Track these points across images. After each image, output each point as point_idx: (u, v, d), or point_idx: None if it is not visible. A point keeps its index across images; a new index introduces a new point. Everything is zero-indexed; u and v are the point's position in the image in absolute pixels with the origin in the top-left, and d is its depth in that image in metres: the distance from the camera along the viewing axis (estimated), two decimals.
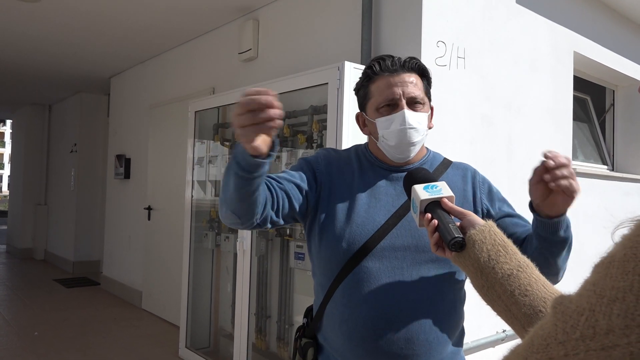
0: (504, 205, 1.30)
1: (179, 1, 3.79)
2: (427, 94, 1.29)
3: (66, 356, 3.92)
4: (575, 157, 3.93)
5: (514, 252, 0.88)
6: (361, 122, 1.35)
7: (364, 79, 1.30)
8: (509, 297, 0.83)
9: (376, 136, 1.28)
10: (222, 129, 3.94)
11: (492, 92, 2.99)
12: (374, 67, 1.27)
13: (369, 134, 1.32)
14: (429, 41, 2.64)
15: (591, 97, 4.45)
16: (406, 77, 1.24)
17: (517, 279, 0.84)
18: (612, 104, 4.63)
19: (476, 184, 1.31)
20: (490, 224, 0.93)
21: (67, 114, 7.86)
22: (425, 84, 1.29)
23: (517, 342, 0.56)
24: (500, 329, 2.95)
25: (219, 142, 3.94)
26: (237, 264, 3.28)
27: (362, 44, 2.83)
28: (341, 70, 2.47)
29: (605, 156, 4.50)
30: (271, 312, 3.41)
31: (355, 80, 1.39)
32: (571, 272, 1.22)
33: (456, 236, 0.92)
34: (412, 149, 1.25)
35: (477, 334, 2.80)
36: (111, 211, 6.31)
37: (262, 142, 0.96)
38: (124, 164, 5.86)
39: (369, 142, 1.36)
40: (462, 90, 2.81)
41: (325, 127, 2.77)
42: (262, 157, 0.99)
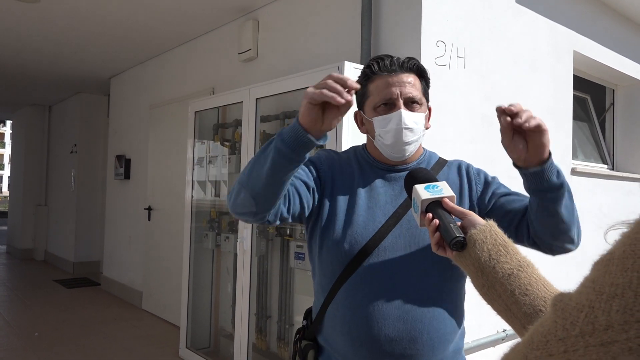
0: (500, 187, 1.32)
1: (179, 2, 3.79)
2: (425, 95, 1.30)
3: (67, 357, 3.92)
4: (575, 156, 3.93)
5: (514, 252, 0.89)
6: (359, 121, 1.36)
7: (363, 78, 1.30)
8: (509, 296, 0.84)
9: (373, 135, 1.29)
10: (222, 129, 3.94)
11: (492, 91, 2.99)
12: (373, 66, 1.27)
13: (366, 132, 1.33)
14: (429, 41, 2.64)
15: (591, 97, 4.45)
16: (404, 77, 1.25)
17: (518, 279, 0.84)
18: (612, 103, 4.63)
19: (471, 176, 1.32)
20: (491, 223, 0.94)
21: (67, 114, 7.86)
22: (423, 85, 1.30)
23: (518, 340, 0.56)
24: (500, 329, 2.95)
25: (218, 142, 3.95)
26: (237, 264, 3.29)
27: (361, 43, 2.83)
28: (341, 70, 2.48)
29: (605, 155, 4.50)
30: (271, 312, 3.41)
31: (354, 79, 1.39)
32: (571, 272, 1.22)
33: (457, 236, 0.93)
34: (407, 148, 1.26)
35: (478, 333, 2.80)
36: (111, 211, 6.32)
37: (320, 120, 1.05)
38: (124, 164, 5.86)
39: (366, 142, 1.37)
40: (462, 89, 2.81)
41: None
42: (314, 134, 1.05)
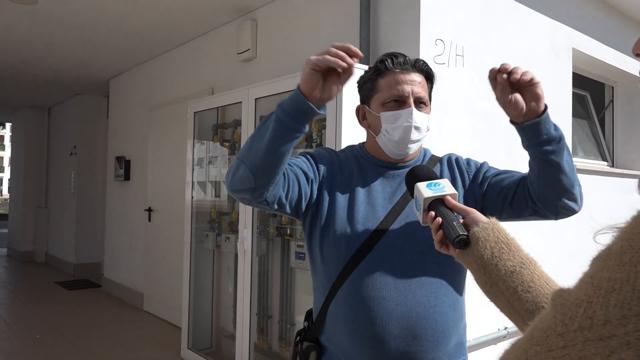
0: (490, 169, 1.37)
1: (177, 2, 3.79)
2: (429, 97, 1.32)
3: (68, 358, 3.92)
4: (575, 153, 3.93)
5: (517, 249, 0.89)
6: (361, 115, 1.36)
7: (374, 72, 1.30)
8: (511, 293, 0.84)
9: (376, 130, 1.29)
10: (221, 129, 3.94)
11: (490, 89, 2.99)
12: (386, 62, 1.28)
13: (368, 127, 1.33)
14: (428, 39, 2.64)
15: (590, 94, 4.45)
16: (415, 76, 1.27)
17: (520, 276, 0.84)
18: (612, 100, 4.63)
19: (462, 166, 1.36)
20: (493, 221, 0.94)
21: (67, 116, 7.86)
22: (429, 87, 1.32)
23: (519, 337, 0.56)
24: (502, 326, 2.95)
25: (218, 143, 3.94)
26: (237, 264, 3.29)
27: (360, 42, 2.84)
28: None
29: (605, 152, 4.50)
30: (272, 312, 3.42)
31: (354, 78, 1.39)
32: (573, 268, 1.22)
33: (460, 234, 0.93)
34: (412, 147, 1.28)
35: (479, 331, 2.80)
36: (111, 213, 6.32)
37: (321, 89, 1.06)
38: (124, 165, 5.86)
39: (366, 139, 1.38)
40: (461, 88, 2.81)
41: (324, 127, 2.78)
42: (315, 103, 1.05)
